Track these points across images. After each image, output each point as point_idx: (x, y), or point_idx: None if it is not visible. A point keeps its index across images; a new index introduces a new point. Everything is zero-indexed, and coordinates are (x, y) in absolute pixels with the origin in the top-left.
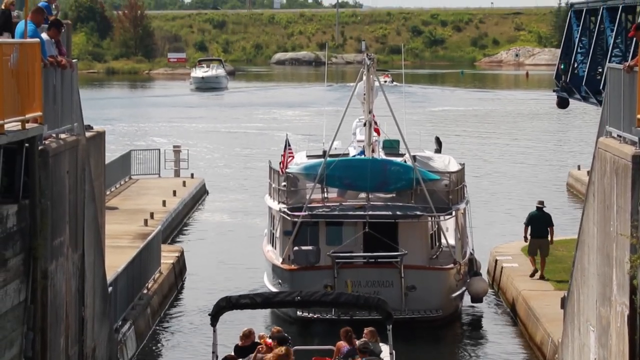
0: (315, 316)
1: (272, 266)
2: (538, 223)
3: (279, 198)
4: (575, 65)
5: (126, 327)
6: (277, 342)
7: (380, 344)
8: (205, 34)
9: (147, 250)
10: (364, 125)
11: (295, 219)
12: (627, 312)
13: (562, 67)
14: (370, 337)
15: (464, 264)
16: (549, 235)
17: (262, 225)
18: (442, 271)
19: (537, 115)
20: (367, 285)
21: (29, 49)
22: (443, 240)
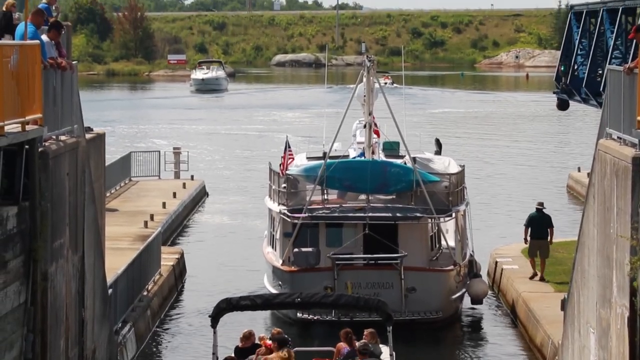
0: (316, 318)
1: (272, 268)
2: (538, 224)
3: (279, 200)
4: (576, 67)
5: (126, 329)
6: (277, 343)
7: (380, 345)
8: (205, 36)
9: (147, 252)
10: (364, 127)
11: (295, 221)
12: (627, 314)
13: (562, 68)
14: (370, 338)
15: (464, 265)
16: (549, 237)
17: (262, 227)
18: (442, 273)
19: (537, 117)
20: (367, 287)
21: (29, 51)
22: (443, 241)
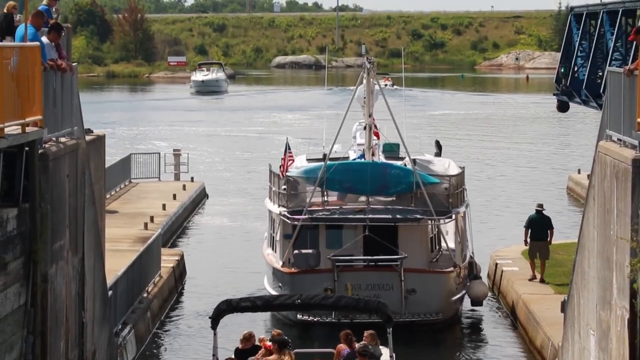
0: (316, 319)
1: (272, 269)
2: (538, 226)
3: (279, 201)
4: (576, 68)
5: (126, 330)
6: (278, 345)
7: (380, 347)
8: (205, 38)
9: (147, 254)
10: (364, 128)
11: (295, 222)
12: (627, 316)
13: (562, 70)
14: (370, 340)
15: (464, 267)
16: (549, 238)
17: (262, 228)
18: (442, 274)
19: (537, 119)
20: (367, 289)
21: (29, 53)
22: (443, 243)
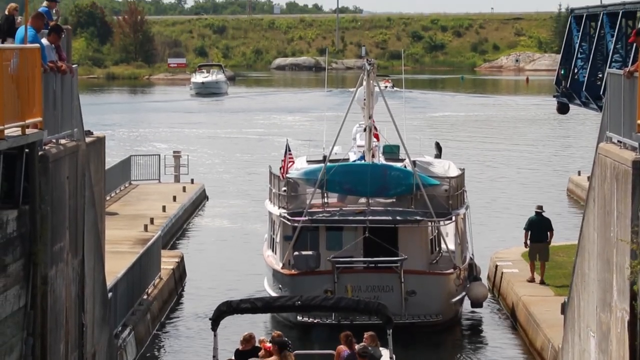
0: (316, 321)
1: (273, 271)
2: (537, 228)
3: (279, 203)
4: (576, 70)
5: (126, 332)
6: (278, 346)
7: (380, 348)
8: (205, 39)
9: (147, 256)
10: (364, 130)
11: (296, 224)
12: (627, 318)
13: (562, 72)
14: (370, 341)
15: (464, 269)
16: (548, 240)
17: (262, 230)
18: (442, 276)
19: (538, 121)
20: (367, 290)
21: (29, 55)
22: (443, 245)
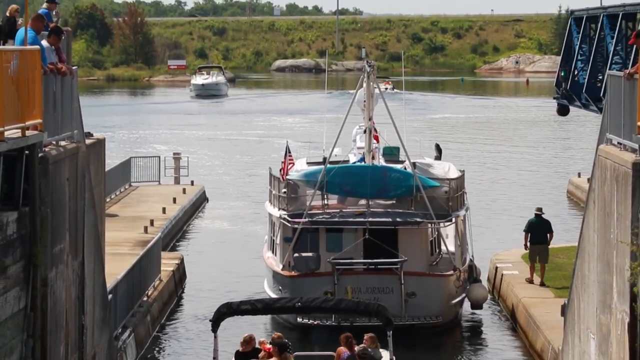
0: (316, 322)
1: (273, 273)
2: (537, 230)
3: (279, 205)
4: (576, 72)
5: (126, 334)
6: (278, 348)
7: (380, 350)
8: (205, 41)
9: (147, 258)
10: (364, 132)
11: (296, 226)
12: (627, 320)
13: (562, 74)
14: (370, 343)
15: (464, 270)
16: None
17: (262, 232)
18: (442, 278)
19: (538, 123)
20: (367, 292)
21: (29, 56)
22: (443, 246)
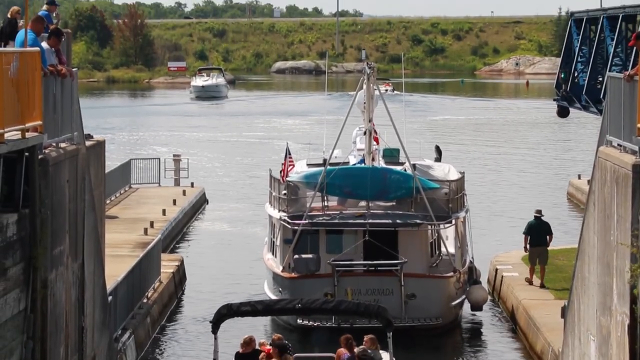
0: (316, 324)
1: (273, 274)
2: (537, 232)
3: (279, 206)
4: (576, 74)
5: (126, 336)
6: (278, 349)
7: (380, 351)
8: (205, 43)
9: (147, 260)
10: (364, 133)
11: (296, 227)
12: (627, 322)
13: (562, 76)
14: (370, 344)
15: (464, 272)
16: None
17: (262, 233)
18: (441, 279)
19: (538, 124)
20: (367, 293)
21: (29, 58)
22: (443, 248)
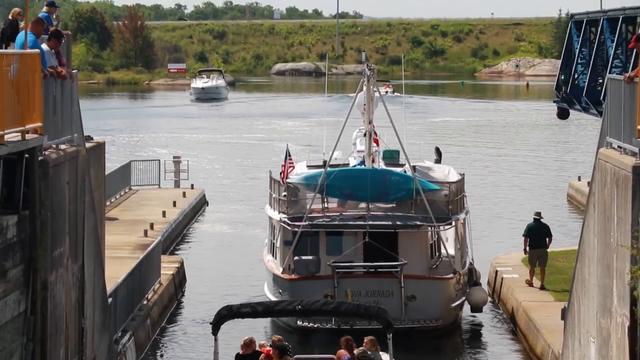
0: (316, 325)
1: (273, 276)
2: (536, 234)
3: (279, 208)
4: (576, 76)
5: (126, 338)
6: (278, 350)
7: (380, 353)
8: (205, 45)
9: (147, 261)
10: (364, 135)
11: (296, 229)
12: (627, 324)
13: (562, 77)
14: (370, 346)
15: (464, 273)
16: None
17: (262, 235)
18: (441, 281)
19: (538, 126)
20: (367, 295)
21: (29, 60)
22: (443, 250)
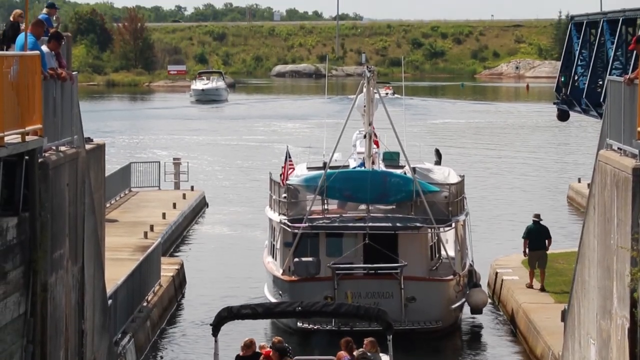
0: (316, 327)
1: (273, 277)
2: (536, 236)
3: (279, 209)
4: (576, 77)
5: (126, 339)
6: (278, 352)
7: (380, 354)
8: (205, 46)
9: (147, 263)
10: (364, 137)
11: (296, 231)
12: (627, 325)
13: (562, 79)
14: (370, 347)
15: (464, 275)
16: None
17: (262, 237)
18: (441, 282)
19: (538, 128)
20: (367, 297)
21: (29, 62)
22: (443, 251)
